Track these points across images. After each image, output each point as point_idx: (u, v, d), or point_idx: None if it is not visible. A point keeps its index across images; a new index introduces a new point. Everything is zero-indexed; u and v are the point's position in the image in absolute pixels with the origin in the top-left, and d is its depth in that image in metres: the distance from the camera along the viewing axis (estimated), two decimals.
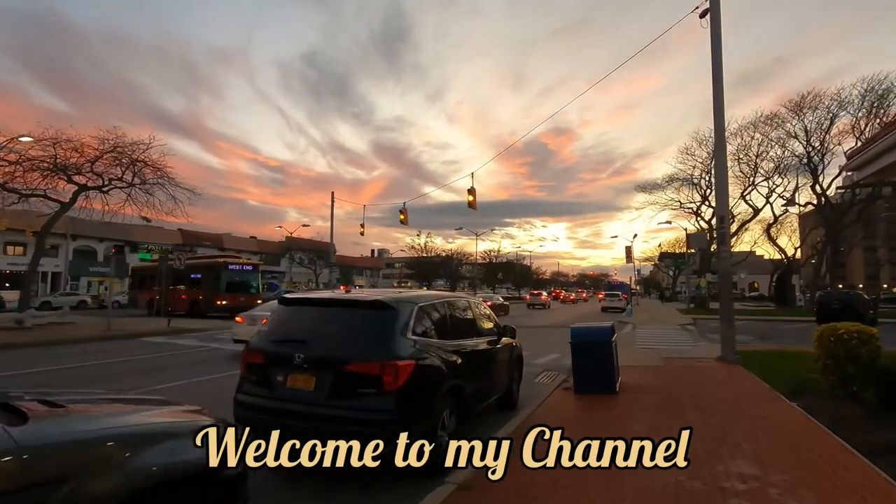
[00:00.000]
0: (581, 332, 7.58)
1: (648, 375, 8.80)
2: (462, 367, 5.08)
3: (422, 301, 4.85)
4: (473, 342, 5.64)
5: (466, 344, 5.41)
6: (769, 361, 9.95)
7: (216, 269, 24.71)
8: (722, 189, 10.57)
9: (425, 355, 4.44)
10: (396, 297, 4.61)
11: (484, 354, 5.90)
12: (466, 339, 5.48)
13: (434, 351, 4.62)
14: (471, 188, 18.85)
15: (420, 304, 4.73)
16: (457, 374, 4.89)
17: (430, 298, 5.08)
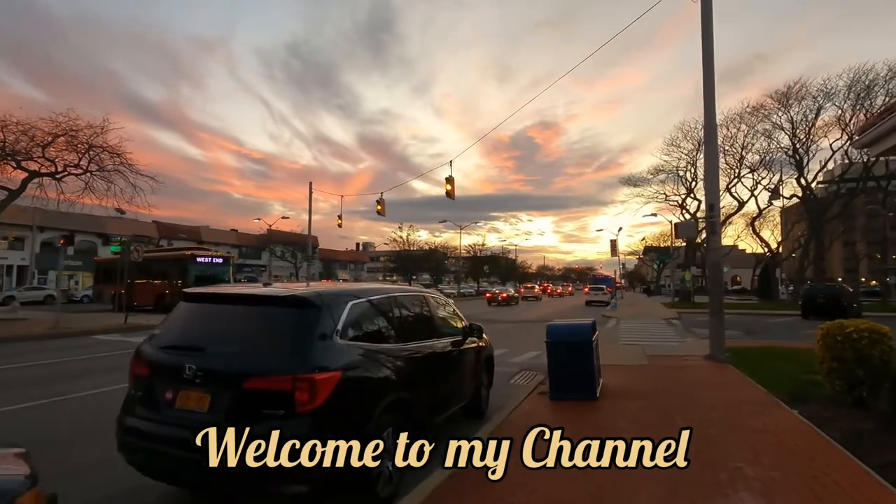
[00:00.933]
0: (558, 330, 6.76)
1: (632, 377, 8.04)
2: (413, 375, 4.22)
3: (358, 296, 3.95)
4: (429, 345, 4.78)
5: (420, 347, 4.55)
6: (761, 360, 9.27)
7: (183, 262, 23.48)
8: (712, 175, 9.84)
9: (358, 364, 3.56)
10: (322, 292, 3.71)
11: (443, 359, 5.05)
12: (420, 342, 4.62)
13: (372, 358, 3.74)
14: (449, 177, 17.95)
15: (355, 301, 3.84)
16: (404, 385, 4.03)
17: (370, 293, 4.18)
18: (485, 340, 6.75)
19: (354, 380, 3.48)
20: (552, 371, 6.65)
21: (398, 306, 4.48)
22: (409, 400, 4.09)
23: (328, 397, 3.19)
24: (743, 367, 8.54)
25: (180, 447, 3.16)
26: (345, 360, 3.46)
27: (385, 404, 3.70)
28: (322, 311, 3.50)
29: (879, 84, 27.33)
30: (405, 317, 4.59)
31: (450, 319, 5.77)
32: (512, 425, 5.33)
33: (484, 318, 23.36)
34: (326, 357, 3.34)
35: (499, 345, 13.48)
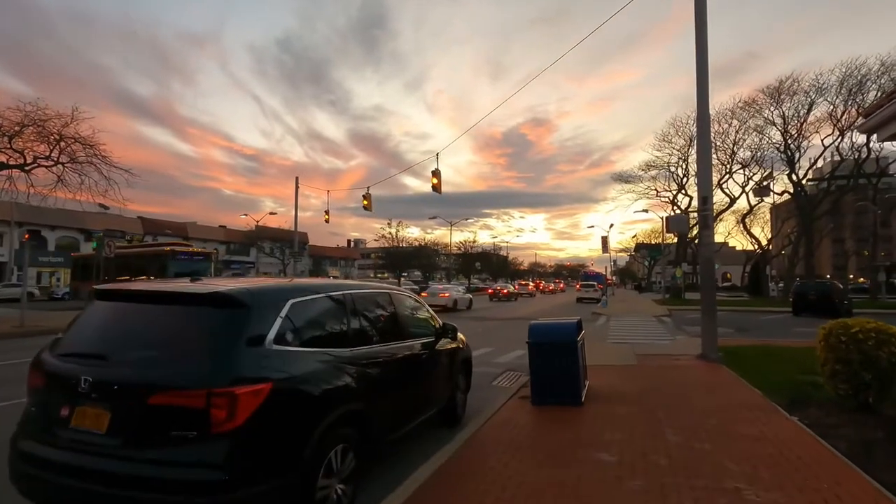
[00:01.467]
0: (541, 330, 6.27)
1: (621, 378, 7.58)
2: (371, 383, 3.71)
3: (303, 294, 3.42)
4: (393, 348, 4.26)
5: (381, 351, 4.03)
6: (756, 360, 8.85)
7: (162, 258, 22.79)
8: (705, 167, 9.39)
9: (297, 373, 3.04)
10: (254, 288, 3.17)
11: (410, 363, 4.53)
12: (382, 345, 4.10)
13: (317, 365, 3.22)
14: (435, 170, 17.40)
15: (297, 300, 3.30)
16: (358, 395, 3.52)
17: (318, 290, 3.65)
18: (461, 341, 6.26)
19: (291, 392, 2.95)
20: (534, 374, 6.16)
21: (355, 305, 3.95)
22: (365, 412, 3.58)
23: (254, 414, 2.66)
24: (736, 368, 8.11)
25: (75, 476, 2.62)
26: (279, 368, 2.93)
27: (333, 419, 3.19)
28: (252, 310, 2.96)
29: (871, 79, 27.19)
30: (364, 317, 4.07)
31: (419, 319, 5.26)
32: (485, 437, 4.83)
33: (471, 316, 22.91)
34: (254, 366, 2.80)
35: (484, 343, 13.01)
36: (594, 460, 4.04)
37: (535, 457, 4.17)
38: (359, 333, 3.85)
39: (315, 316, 3.47)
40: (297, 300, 3.29)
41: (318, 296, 3.57)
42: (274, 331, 3.00)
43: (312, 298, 3.48)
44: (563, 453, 4.23)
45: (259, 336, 2.91)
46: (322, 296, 3.61)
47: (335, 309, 3.71)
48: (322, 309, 3.57)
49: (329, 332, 3.55)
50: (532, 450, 4.36)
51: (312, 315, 3.44)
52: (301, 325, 3.28)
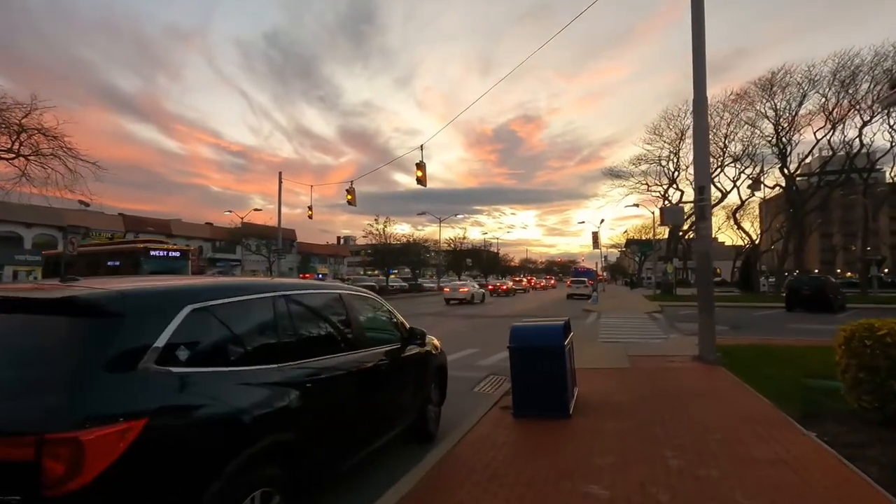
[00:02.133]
0: (524, 333, 5.58)
1: (613, 383, 6.92)
2: (308, 406, 2.99)
3: (206, 297, 2.66)
4: (341, 360, 3.54)
5: (323, 366, 3.31)
6: (756, 362, 8.23)
7: (135, 256, 21.72)
8: (702, 154, 8.74)
9: (189, 402, 2.31)
10: (129, 291, 2.44)
11: (365, 377, 3.81)
12: (325, 358, 3.38)
13: (224, 390, 2.50)
14: (419, 162, 16.65)
15: (197, 306, 2.55)
16: (288, 422, 2.81)
17: (232, 291, 2.89)
18: (434, 346, 5.56)
19: (180, 428, 2.23)
20: (516, 382, 5.48)
21: (289, 310, 3.21)
22: (298, 443, 2.86)
23: (115, 465, 1.93)
24: (737, 371, 7.49)
25: None
26: (163, 398, 2.20)
27: (248, 457, 2.46)
28: (123, 322, 2.22)
29: (864, 71, 26.82)
30: (302, 325, 3.34)
31: (380, 325, 4.54)
32: (457, 460, 4.13)
33: (459, 314, 22.22)
34: (121, 397, 2.07)
35: (468, 343, 12.30)
36: (582, 495, 3.35)
37: (513, 490, 3.48)
38: (293, 345, 3.12)
39: (228, 326, 2.72)
40: (198, 306, 2.55)
41: (233, 300, 2.82)
42: (157, 348, 2.26)
43: (224, 303, 2.74)
44: (545, 485, 3.54)
45: (132, 356, 2.17)
46: (240, 299, 2.87)
47: (260, 316, 2.97)
48: (239, 316, 2.82)
49: (249, 346, 2.81)
50: (509, 479, 3.67)
51: (224, 325, 2.70)
52: (204, 339, 2.54)
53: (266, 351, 2.89)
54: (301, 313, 3.36)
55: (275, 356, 2.92)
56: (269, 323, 3.01)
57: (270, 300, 3.09)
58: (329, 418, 3.26)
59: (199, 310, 2.54)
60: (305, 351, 3.21)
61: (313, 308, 3.57)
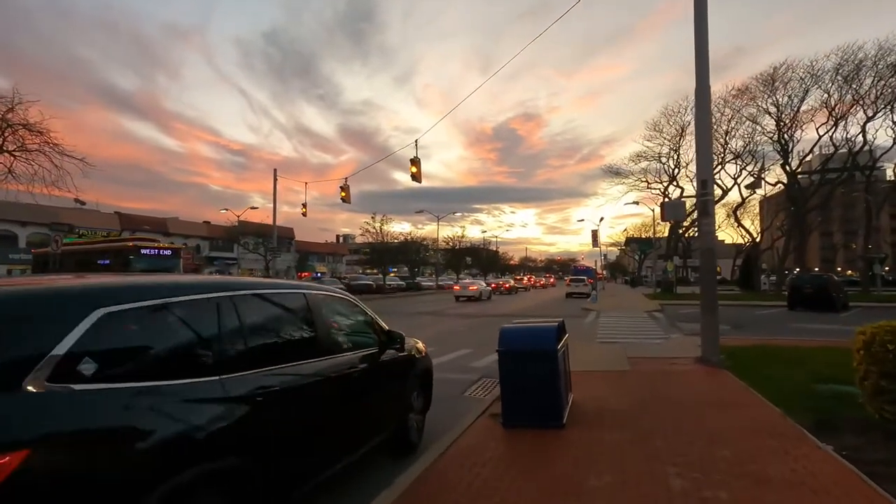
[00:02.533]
0: (514, 335, 5.17)
1: (611, 388, 6.52)
2: (261, 423, 2.62)
3: (124, 299, 2.25)
4: (302, 368, 3.14)
5: (281, 376, 2.91)
6: (762, 364, 7.83)
7: (124, 255, 21.30)
8: (704, 146, 8.33)
9: (94, 426, 1.92)
10: (17, 292, 2.04)
11: (332, 386, 3.40)
12: (282, 366, 2.98)
13: (148, 409, 2.10)
14: (414, 158, 16.23)
15: (113, 308, 2.14)
16: (234, 444, 2.43)
17: (162, 291, 2.48)
18: (417, 350, 5.16)
19: (72, 462, 1.82)
20: (506, 389, 5.07)
21: (238, 314, 2.80)
22: (242, 469, 2.46)
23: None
24: (742, 374, 7.09)
25: None
26: (51, 422, 1.80)
27: (170, 490, 2.06)
28: (7, 328, 1.81)
29: (868, 66, 26.34)
30: (255, 330, 2.93)
31: (352, 328, 4.14)
32: (439, 477, 3.72)
33: (456, 313, 21.81)
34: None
35: (463, 344, 11.89)
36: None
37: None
38: (241, 354, 2.71)
39: (153, 332, 2.32)
40: (114, 309, 2.14)
41: (163, 302, 2.40)
42: (53, 361, 1.86)
43: (150, 306, 2.32)
44: (534, 501, 3.14)
45: (14, 370, 1.77)
46: (172, 301, 2.45)
47: (198, 320, 2.56)
48: (170, 321, 2.41)
49: (181, 357, 2.41)
50: (494, 502, 3.26)
51: (148, 331, 2.29)
52: (120, 349, 2.14)
53: (204, 361, 2.48)
54: (253, 317, 2.95)
55: (216, 367, 2.51)
56: (210, 329, 2.59)
57: (214, 302, 2.68)
58: (286, 437, 2.86)
59: (114, 314, 2.13)
60: (257, 360, 2.80)
61: (269, 311, 3.16)
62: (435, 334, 13.85)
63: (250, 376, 2.69)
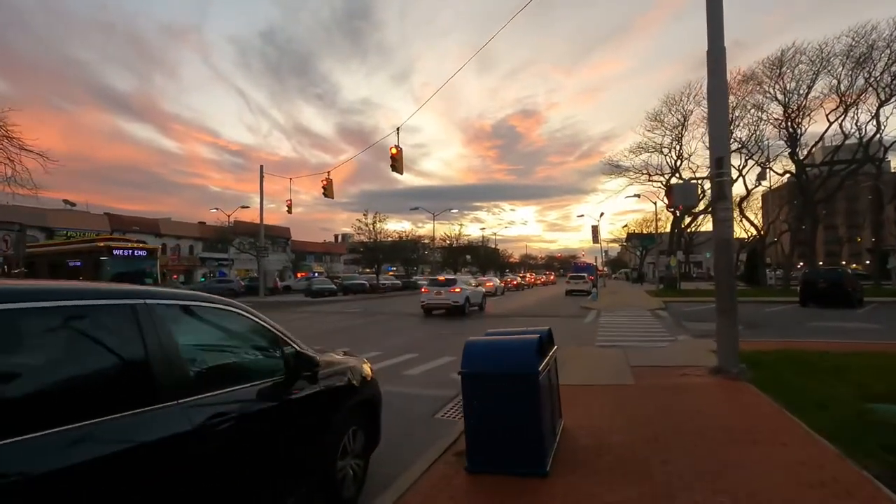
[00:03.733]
0: (483, 351, 3.93)
1: (611, 411, 5.27)
2: None
3: None
4: (133, 422, 1.92)
5: (87, 437, 1.68)
6: (792, 375, 6.58)
7: (95, 255, 20.11)
8: (720, 120, 7.07)
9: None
10: None
11: (190, 443, 2.18)
12: (97, 421, 1.75)
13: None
14: (394, 146, 14.96)
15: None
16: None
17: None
18: (357, 371, 3.93)
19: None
20: (471, 425, 3.83)
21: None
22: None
23: None
24: (770, 389, 5.84)
25: None
26: None
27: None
28: None
29: (881, 47, 24.93)
30: (38, 368, 1.71)
31: (237, 350, 2.91)
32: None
33: (442, 313, 20.53)
34: None
35: (447, 350, 10.60)
36: None
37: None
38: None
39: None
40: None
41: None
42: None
43: None
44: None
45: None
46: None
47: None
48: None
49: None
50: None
51: None
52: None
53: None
54: (36, 347, 1.72)
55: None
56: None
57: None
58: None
59: None
60: (42, 415, 1.58)
61: (69, 335, 1.93)
62: (417, 339, 12.63)
63: (29, 443, 1.48)
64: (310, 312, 22.23)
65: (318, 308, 25.00)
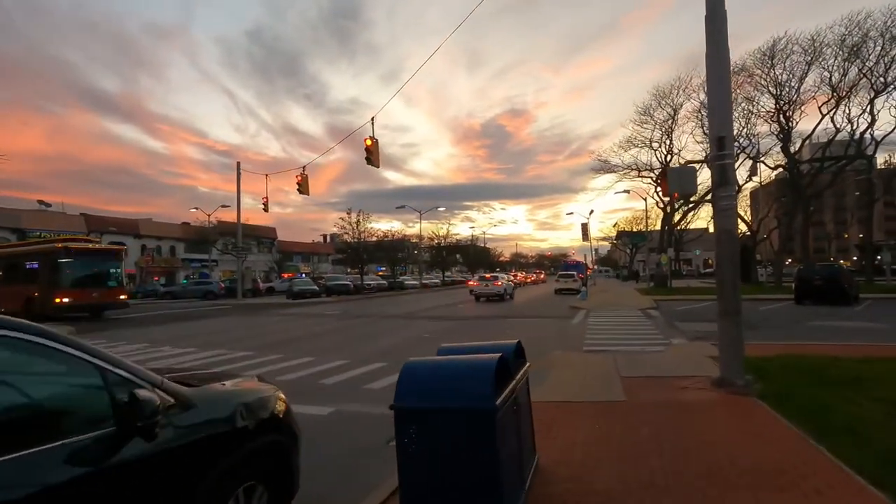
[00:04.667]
0: (424, 378, 2.95)
1: (596, 440, 4.32)
2: None
3: None
4: None
5: None
6: (807, 387, 5.68)
7: (52, 257, 18.85)
8: (721, 94, 6.16)
9: None
10: None
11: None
12: None
13: None
14: (369, 137, 13.94)
15: None
16: None
17: None
18: (260, 408, 2.94)
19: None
20: (406, 479, 2.85)
21: None
22: None
23: None
24: (787, 408, 4.93)
25: None
26: None
27: None
28: None
29: (874, 36, 24.28)
30: None
31: (36, 397, 1.90)
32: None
33: (428, 315, 19.53)
34: None
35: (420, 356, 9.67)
36: None
37: None
38: None
39: None
40: None
41: None
42: None
43: None
44: None
45: None
46: None
47: None
48: None
49: None
50: None
51: None
52: None
53: None
54: None
55: None
56: None
57: None
58: None
59: None
60: None
61: None
62: (392, 345, 11.64)
63: None
64: (286, 315, 21.13)
65: (297, 310, 23.90)
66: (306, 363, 9.32)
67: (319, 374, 8.32)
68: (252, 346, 11.71)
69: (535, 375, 7.15)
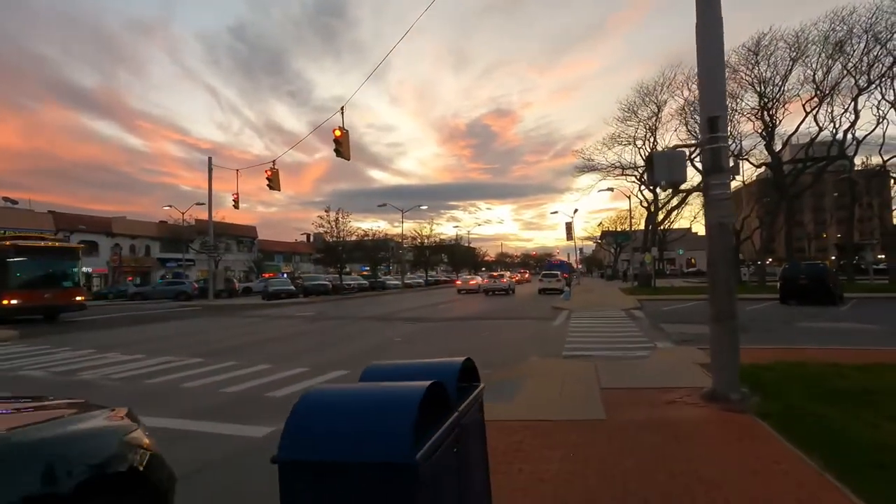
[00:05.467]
0: (324, 415, 2.10)
1: (569, 475, 3.54)
2: None
3: None
4: None
5: None
6: (810, 401, 4.99)
7: (0, 256, 17.57)
8: (714, 67, 5.46)
9: None
10: None
11: None
12: None
13: None
14: (338, 128, 13.05)
15: None
16: None
17: None
18: (103, 454, 2.07)
19: None
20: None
21: None
22: None
23: None
24: (790, 429, 4.22)
25: None
26: None
27: None
28: None
29: (858, 32, 24.14)
30: None
31: None
32: None
33: (407, 317, 18.67)
34: None
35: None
36: None
37: None
38: None
39: None
40: None
41: None
42: None
43: None
44: None
45: None
46: None
47: None
48: None
49: None
50: None
51: None
52: None
53: None
54: None
55: None
56: None
57: None
58: None
59: None
60: None
61: None
62: (361, 349, 10.79)
63: None
64: (257, 317, 20.10)
65: (269, 312, 22.86)
66: (260, 371, 8.44)
67: (270, 384, 7.45)
68: (207, 351, 10.76)
69: (506, 386, 6.38)
